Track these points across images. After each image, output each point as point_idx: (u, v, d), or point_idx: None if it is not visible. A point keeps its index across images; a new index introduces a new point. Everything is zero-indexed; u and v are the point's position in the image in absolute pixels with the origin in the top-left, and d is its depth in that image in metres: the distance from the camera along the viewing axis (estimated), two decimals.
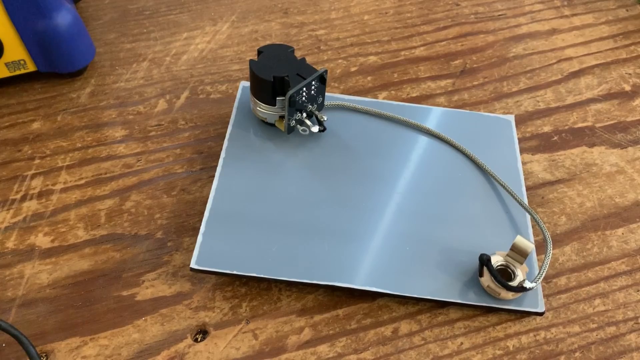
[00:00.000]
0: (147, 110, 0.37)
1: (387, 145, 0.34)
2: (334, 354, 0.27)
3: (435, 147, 0.34)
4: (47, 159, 0.35)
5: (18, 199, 0.33)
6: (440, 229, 0.30)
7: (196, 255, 0.28)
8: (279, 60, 0.32)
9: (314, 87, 0.32)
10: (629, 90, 0.38)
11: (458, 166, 0.33)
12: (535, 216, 0.30)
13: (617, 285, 0.30)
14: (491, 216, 0.31)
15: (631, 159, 0.35)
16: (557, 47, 0.41)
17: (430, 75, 0.39)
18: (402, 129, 0.35)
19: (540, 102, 0.38)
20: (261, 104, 0.32)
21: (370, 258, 0.29)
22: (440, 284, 0.28)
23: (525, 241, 0.27)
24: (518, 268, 0.28)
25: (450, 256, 0.29)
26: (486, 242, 0.30)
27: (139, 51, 0.41)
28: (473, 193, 0.32)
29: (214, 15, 0.44)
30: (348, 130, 0.35)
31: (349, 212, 0.31)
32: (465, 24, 0.43)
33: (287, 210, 0.30)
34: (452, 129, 0.35)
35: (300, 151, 0.33)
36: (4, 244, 0.31)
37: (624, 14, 0.43)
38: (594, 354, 0.27)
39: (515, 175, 0.33)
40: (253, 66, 0.31)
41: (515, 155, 0.34)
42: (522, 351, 0.27)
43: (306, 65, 0.32)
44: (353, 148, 0.34)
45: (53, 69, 0.37)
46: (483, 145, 0.34)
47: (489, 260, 0.27)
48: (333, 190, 0.32)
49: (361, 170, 0.33)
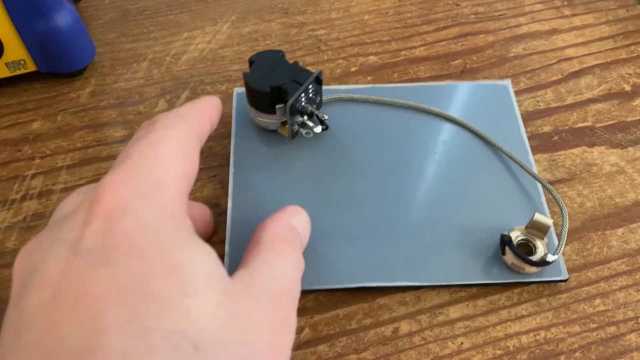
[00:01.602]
0: (148, 110, 0.37)
1: (389, 132, 0.34)
2: (334, 353, 0.27)
3: (437, 126, 0.34)
4: (47, 158, 0.35)
5: (18, 198, 0.33)
6: (456, 212, 0.31)
7: (227, 266, 0.28)
8: (272, 67, 0.31)
9: (311, 90, 0.31)
10: (629, 90, 0.38)
11: (463, 142, 0.33)
12: (546, 184, 0.31)
13: (617, 285, 0.30)
14: (504, 190, 0.31)
15: (631, 159, 0.35)
16: (557, 47, 0.41)
17: (430, 75, 0.39)
18: (401, 112, 0.35)
19: (540, 102, 0.38)
20: (261, 114, 0.32)
21: (393, 253, 0.29)
22: (464, 267, 0.29)
23: (543, 217, 0.28)
24: (538, 241, 0.29)
25: (469, 237, 0.30)
26: (503, 217, 0.30)
27: (139, 51, 0.41)
28: (483, 169, 0.32)
29: (214, 15, 0.44)
30: (347, 122, 0.34)
31: (363, 209, 0.31)
32: (466, 24, 0.43)
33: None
34: (450, 103, 0.35)
35: (306, 153, 0.33)
36: (4, 244, 0.31)
37: (624, 14, 0.43)
38: (594, 354, 0.27)
39: (520, 144, 0.33)
40: (247, 79, 0.31)
41: (517, 123, 0.34)
42: (522, 351, 0.27)
43: (300, 68, 0.31)
44: (355, 140, 0.34)
45: (53, 69, 0.38)
46: (484, 116, 0.34)
47: (511, 241, 0.28)
48: (343, 190, 0.32)
49: (367, 163, 0.33)
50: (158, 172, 0.20)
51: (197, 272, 0.19)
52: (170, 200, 0.20)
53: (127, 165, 0.20)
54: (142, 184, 0.20)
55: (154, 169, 0.20)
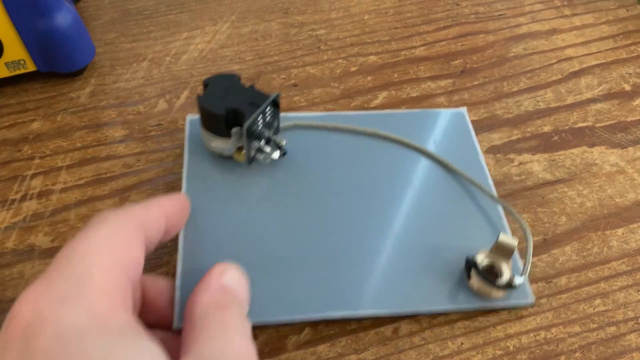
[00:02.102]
0: (147, 110, 0.37)
1: (348, 159, 0.33)
2: (334, 354, 0.27)
3: (397, 153, 0.34)
4: (47, 158, 0.35)
5: (18, 198, 0.33)
6: (418, 237, 0.30)
7: (177, 316, 0.26)
8: (228, 90, 0.30)
9: (269, 113, 0.30)
10: (629, 90, 0.38)
11: (423, 168, 0.33)
12: (506, 205, 0.30)
13: (618, 285, 0.30)
14: (466, 215, 0.31)
15: (631, 158, 0.35)
16: (557, 47, 0.41)
17: (430, 75, 0.39)
18: (361, 140, 0.34)
19: (541, 102, 0.38)
20: (216, 139, 0.31)
21: (356, 281, 0.28)
22: (428, 294, 0.28)
23: (508, 238, 0.27)
24: (504, 264, 0.28)
25: (433, 263, 0.29)
26: (466, 242, 0.30)
27: (139, 51, 0.41)
28: (443, 194, 0.32)
29: (214, 15, 0.44)
30: (306, 149, 0.33)
31: (324, 237, 0.30)
32: (466, 23, 0.43)
33: (263, 247, 0.29)
34: (408, 130, 0.34)
35: (263, 180, 0.32)
36: (3, 244, 0.31)
37: (624, 14, 0.43)
38: (594, 354, 0.27)
39: (479, 168, 0.33)
40: (202, 101, 0.29)
41: (474, 148, 0.34)
42: (523, 351, 0.27)
43: (256, 92, 0.30)
44: (313, 167, 0.33)
45: (53, 69, 0.37)
46: (443, 142, 0.34)
47: (476, 263, 0.27)
48: (303, 217, 0.30)
49: (327, 190, 0.32)
50: (81, 269, 0.18)
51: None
52: (98, 296, 0.18)
53: (48, 271, 0.18)
54: (63, 287, 0.18)
55: (76, 267, 0.19)
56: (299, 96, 0.38)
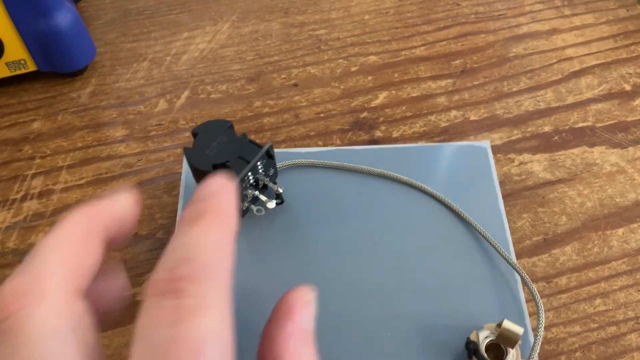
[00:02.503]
0: (148, 110, 0.37)
1: (351, 204, 0.30)
2: None
3: (406, 196, 0.30)
4: (47, 158, 0.35)
5: (19, 198, 0.33)
6: (422, 304, 0.27)
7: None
8: (217, 141, 0.28)
9: (261, 166, 0.28)
10: (630, 90, 0.38)
11: (435, 218, 0.30)
12: (524, 276, 0.27)
13: (618, 285, 0.30)
14: (477, 278, 0.28)
15: (632, 158, 0.35)
16: (557, 47, 0.41)
17: (430, 75, 0.39)
18: (367, 180, 0.31)
19: (541, 101, 0.38)
20: None
21: (349, 353, 0.25)
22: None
23: (513, 326, 0.24)
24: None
25: (435, 336, 0.26)
26: (473, 311, 0.27)
27: (140, 51, 0.41)
28: (454, 251, 0.29)
29: (214, 15, 0.44)
30: (305, 192, 0.31)
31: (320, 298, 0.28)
32: (466, 23, 0.43)
33: (249, 306, 0.26)
34: (421, 169, 0.31)
35: (257, 231, 0.30)
36: (4, 244, 0.31)
37: (624, 14, 0.43)
38: (594, 354, 0.27)
39: (498, 220, 0.30)
40: (189, 156, 0.28)
41: (495, 193, 0.31)
42: None
43: (248, 143, 0.28)
44: (312, 214, 0.30)
45: (53, 69, 0.37)
46: (458, 184, 0.31)
47: (477, 349, 0.25)
48: (294, 276, 0.28)
49: (323, 243, 0.29)
50: (33, 270, 0.17)
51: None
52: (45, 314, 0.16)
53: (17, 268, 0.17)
54: (20, 283, 0.16)
55: (29, 267, 0.17)
56: (299, 96, 0.38)
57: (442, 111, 0.37)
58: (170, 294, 0.16)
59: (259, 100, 0.38)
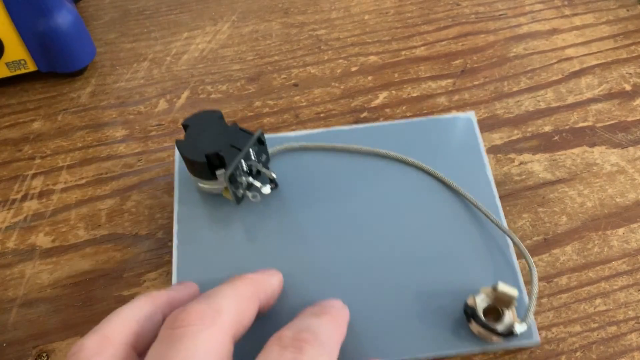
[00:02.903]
0: (148, 110, 0.37)
1: (344, 183, 0.31)
2: None
3: (396, 172, 0.31)
4: (47, 158, 0.35)
5: (19, 198, 0.33)
6: (419, 272, 0.28)
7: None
8: (208, 131, 0.28)
9: (253, 153, 0.29)
10: (630, 90, 0.38)
11: (426, 190, 0.31)
12: (515, 239, 0.28)
13: (618, 285, 0.30)
14: (470, 245, 0.29)
15: (632, 158, 0.35)
16: (557, 47, 0.41)
17: (430, 75, 0.39)
18: (357, 159, 0.32)
19: (541, 101, 0.38)
20: (201, 181, 0.30)
21: (351, 327, 0.26)
22: (426, 337, 0.26)
23: (507, 288, 0.26)
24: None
25: (433, 302, 0.27)
26: (469, 276, 0.28)
27: (140, 51, 0.41)
28: (447, 220, 0.30)
29: (214, 15, 0.44)
30: (299, 175, 0.31)
31: (316, 276, 0.28)
32: (466, 23, 0.43)
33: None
34: (410, 144, 0.32)
35: (255, 215, 0.30)
36: (4, 244, 0.31)
37: (625, 14, 0.43)
38: (594, 354, 0.27)
39: (487, 189, 0.31)
40: (181, 148, 0.28)
41: (482, 163, 0.32)
42: (523, 351, 0.27)
43: (239, 131, 0.29)
44: (307, 195, 0.31)
45: (53, 69, 0.37)
46: (446, 156, 0.31)
47: (475, 312, 0.26)
48: (293, 254, 0.29)
49: (318, 222, 0.30)
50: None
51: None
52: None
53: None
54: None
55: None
56: (300, 96, 0.38)
57: (442, 111, 0.37)
58: (291, 348, 0.20)
59: (259, 100, 0.38)
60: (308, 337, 0.20)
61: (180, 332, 0.20)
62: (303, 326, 0.21)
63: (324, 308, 0.24)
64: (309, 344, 0.20)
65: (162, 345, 0.20)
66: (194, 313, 0.20)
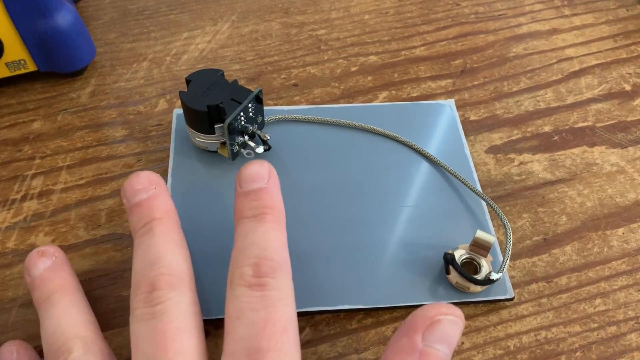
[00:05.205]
0: (148, 110, 0.37)
1: (333, 152, 0.34)
2: (335, 353, 0.27)
3: (381, 146, 0.34)
4: (47, 158, 0.35)
5: (18, 198, 0.33)
6: (401, 231, 0.30)
7: None
8: (210, 86, 0.30)
9: (251, 109, 0.31)
10: (629, 90, 0.39)
11: (408, 162, 0.33)
12: (489, 201, 0.31)
13: (618, 285, 0.30)
14: (449, 209, 0.31)
15: (632, 158, 0.35)
16: (557, 47, 0.41)
17: (430, 75, 0.39)
18: (346, 132, 0.35)
19: (541, 101, 0.38)
20: (199, 134, 0.31)
21: (337, 276, 0.29)
22: (408, 288, 0.28)
23: (485, 235, 0.28)
24: (483, 259, 0.29)
25: (414, 258, 0.29)
26: (448, 236, 0.30)
27: (140, 51, 0.41)
28: (427, 188, 0.32)
29: (214, 15, 0.44)
30: (291, 143, 0.34)
31: (303, 232, 0.30)
32: (466, 23, 0.43)
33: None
34: (394, 123, 0.35)
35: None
36: (4, 244, 0.31)
37: (624, 14, 0.43)
38: (594, 354, 0.27)
39: (464, 163, 0.33)
40: (184, 97, 0.30)
41: (461, 141, 0.34)
42: (523, 351, 0.27)
43: (239, 87, 0.30)
44: (298, 161, 0.33)
45: (53, 69, 0.37)
46: (429, 135, 0.35)
47: (454, 259, 0.28)
48: (285, 210, 0.30)
49: (308, 185, 0.32)
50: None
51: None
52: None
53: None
54: None
55: None
56: (299, 96, 0.38)
57: None
58: (257, 286, 0.21)
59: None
60: (268, 270, 0.21)
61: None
62: (256, 253, 0.22)
63: (256, 200, 0.24)
64: (272, 277, 0.21)
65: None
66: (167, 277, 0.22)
